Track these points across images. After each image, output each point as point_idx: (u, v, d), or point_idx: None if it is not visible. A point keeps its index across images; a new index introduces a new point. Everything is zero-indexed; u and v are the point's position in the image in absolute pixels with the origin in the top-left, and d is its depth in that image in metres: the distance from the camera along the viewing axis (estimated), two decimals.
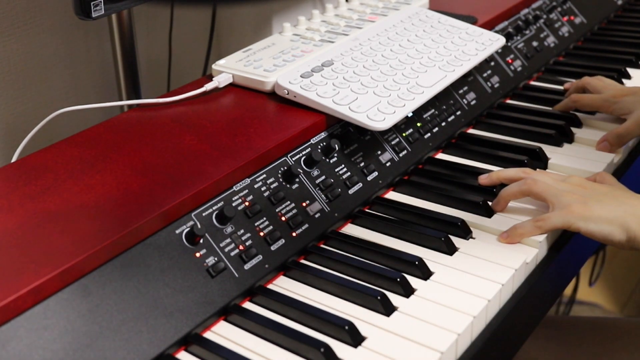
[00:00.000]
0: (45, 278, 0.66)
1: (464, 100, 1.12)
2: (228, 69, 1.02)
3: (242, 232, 0.80)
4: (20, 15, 1.13)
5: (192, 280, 0.74)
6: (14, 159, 0.90)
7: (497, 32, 1.25)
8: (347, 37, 1.10)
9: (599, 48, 1.39)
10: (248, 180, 0.84)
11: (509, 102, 1.21)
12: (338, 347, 0.71)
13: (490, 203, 0.92)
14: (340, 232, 0.89)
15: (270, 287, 0.81)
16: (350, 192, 0.91)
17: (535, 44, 1.31)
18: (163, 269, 0.73)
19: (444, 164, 1.03)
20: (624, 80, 1.27)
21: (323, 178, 0.90)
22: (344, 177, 0.92)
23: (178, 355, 0.72)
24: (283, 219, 0.84)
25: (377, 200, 0.94)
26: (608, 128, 1.10)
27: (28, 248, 0.70)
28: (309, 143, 0.92)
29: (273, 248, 0.82)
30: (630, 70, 1.30)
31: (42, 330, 0.65)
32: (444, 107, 1.09)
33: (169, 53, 1.35)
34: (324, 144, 0.92)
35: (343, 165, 0.93)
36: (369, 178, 0.94)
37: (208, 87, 0.99)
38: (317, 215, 0.87)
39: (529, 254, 0.83)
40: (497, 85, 1.19)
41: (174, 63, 1.37)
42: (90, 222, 0.73)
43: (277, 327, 0.73)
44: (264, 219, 0.83)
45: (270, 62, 1.02)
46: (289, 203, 0.85)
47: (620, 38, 1.43)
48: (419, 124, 1.04)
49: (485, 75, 1.18)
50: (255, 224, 0.82)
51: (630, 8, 1.58)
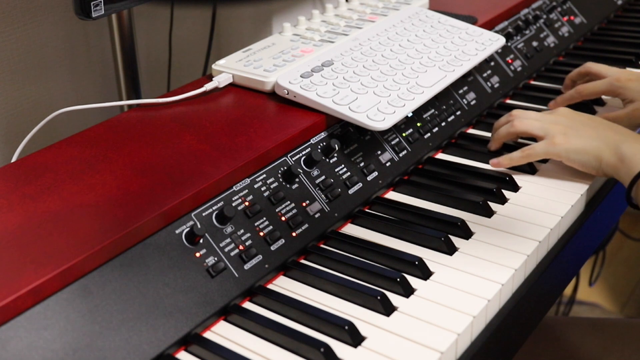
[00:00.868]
0: (45, 278, 0.66)
1: (464, 100, 1.12)
2: (228, 69, 1.02)
3: (242, 232, 0.80)
4: (21, 15, 1.13)
5: (192, 280, 0.74)
6: (14, 159, 0.90)
7: (497, 32, 1.25)
8: (347, 37, 1.10)
9: (599, 48, 1.39)
10: (248, 180, 0.84)
11: (509, 102, 1.21)
12: (338, 347, 0.71)
13: (491, 202, 0.93)
14: (340, 232, 0.89)
15: (270, 287, 0.81)
16: (350, 192, 0.91)
17: (535, 44, 1.31)
18: (163, 269, 0.73)
19: (444, 164, 1.03)
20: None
21: (323, 178, 0.90)
22: (344, 177, 0.92)
23: (178, 355, 0.72)
24: (283, 219, 0.84)
25: (377, 200, 0.94)
26: None
27: (28, 248, 0.70)
28: (309, 143, 0.92)
29: (273, 248, 0.82)
30: (631, 70, 1.30)
31: (42, 330, 0.65)
32: (444, 107, 1.09)
33: (169, 53, 1.35)
34: (324, 144, 0.92)
35: (343, 165, 0.93)
36: (369, 178, 0.94)
37: (208, 87, 0.99)
38: (317, 215, 0.87)
39: (530, 250, 0.84)
40: (497, 85, 1.19)
41: (174, 63, 1.37)
42: (90, 222, 0.73)
43: (277, 327, 0.73)
44: (264, 219, 0.83)
45: (270, 62, 1.02)
46: (289, 203, 0.85)
47: (620, 38, 1.43)
48: (419, 124, 1.04)
49: (485, 75, 1.18)
50: (255, 224, 0.82)
51: (630, 8, 1.58)
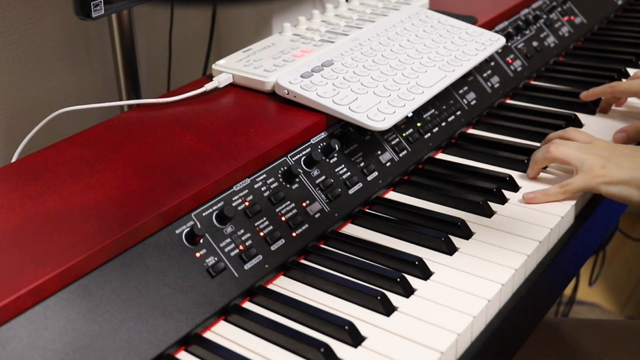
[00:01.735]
0: (45, 278, 0.66)
1: (464, 100, 1.12)
2: (228, 69, 1.02)
3: (242, 232, 0.80)
4: (21, 15, 1.13)
5: (192, 280, 0.74)
6: (14, 159, 0.90)
7: (497, 32, 1.25)
8: (347, 37, 1.10)
9: (599, 48, 1.39)
10: (248, 180, 0.84)
11: (509, 102, 1.21)
12: (338, 347, 0.71)
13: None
14: (340, 232, 0.89)
15: (270, 287, 0.81)
16: (350, 192, 0.91)
17: (535, 44, 1.31)
18: (163, 269, 0.73)
19: (444, 164, 1.03)
20: (624, 81, 1.27)
21: (323, 178, 0.90)
22: (344, 177, 0.92)
23: (178, 355, 0.72)
24: (283, 219, 0.84)
25: (377, 200, 0.94)
26: (608, 128, 1.10)
27: (28, 248, 0.70)
28: (309, 143, 0.92)
29: (273, 248, 0.82)
30: (630, 70, 1.30)
31: (42, 330, 0.65)
32: (444, 107, 1.09)
33: (169, 53, 1.35)
34: (324, 144, 0.92)
35: (343, 165, 0.93)
36: (369, 178, 0.94)
37: (208, 87, 0.99)
38: (317, 215, 0.87)
39: (530, 249, 0.84)
40: (497, 85, 1.19)
41: (174, 63, 1.37)
42: (90, 222, 0.73)
43: (277, 327, 0.73)
44: (264, 219, 0.83)
45: (270, 62, 1.02)
46: (289, 203, 0.85)
47: (620, 38, 1.43)
48: (419, 124, 1.04)
49: (485, 75, 1.18)
50: (255, 224, 0.82)
51: (630, 8, 1.58)
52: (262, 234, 0.82)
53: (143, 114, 0.95)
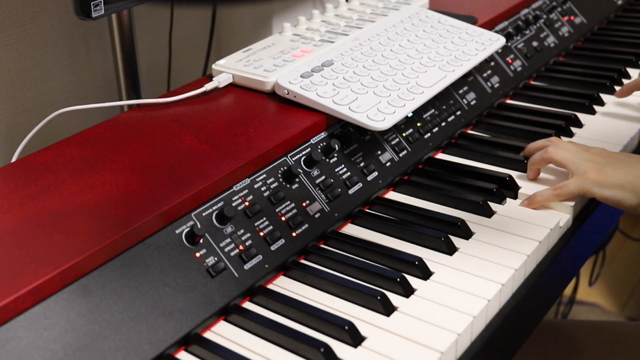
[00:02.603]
0: (45, 278, 0.66)
1: (464, 100, 1.12)
2: (228, 69, 1.02)
3: (242, 232, 0.80)
4: (21, 15, 1.13)
5: (192, 280, 0.74)
6: (14, 159, 0.90)
7: (497, 32, 1.25)
8: (347, 37, 1.10)
9: (599, 48, 1.39)
10: (248, 180, 0.84)
11: (509, 102, 1.21)
12: (338, 347, 0.71)
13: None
14: (340, 232, 0.89)
15: (270, 287, 0.81)
16: (350, 192, 0.91)
17: (535, 44, 1.31)
18: (163, 269, 0.73)
19: (444, 164, 1.03)
20: (624, 81, 1.27)
21: (323, 178, 0.90)
22: (344, 177, 0.92)
23: (178, 355, 0.72)
24: (283, 219, 0.84)
25: (377, 200, 0.94)
26: (607, 130, 1.10)
27: (28, 248, 0.70)
28: (309, 143, 0.92)
29: (273, 248, 0.82)
30: (630, 70, 1.30)
31: (42, 330, 0.65)
32: (444, 107, 1.09)
33: (169, 53, 1.35)
34: (324, 144, 0.92)
35: (343, 165, 0.93)
36: (369, 178, 0.94)
37: (208, 87, 0.99)
38: (317, 215, 0.87)
39: (530, 249, 0.84)
40: (497, 85, 1.19)
41: (174, 63, 1.37)
42: (90, 222, 0.73)
43: (277, 327, 0.73)
44: (264, 219, 0.83)
45: (270, 62, 1.02)
46: (289, 203, 0.85)
47: (620, 38, 1.43)
48: (419, 124, 1.04)
49: (485, 75, 1.18)
50: (255, 224, 0.82)
51: (630, 8, 1.58)
52: (262, 234, 0.82)
53: (143, 114, 0.95)
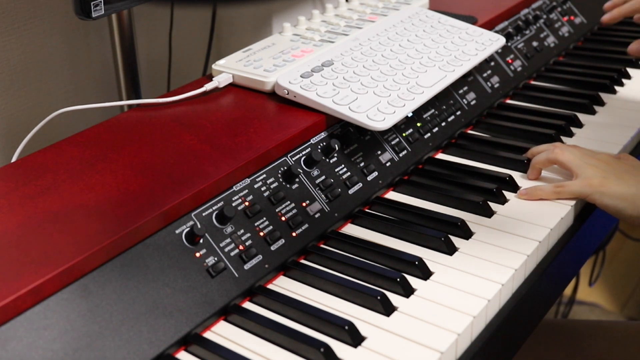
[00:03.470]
0: (45, 278, 0.66)
1: (464, 100, 1.12)
2: (228, 69, 1.02)
3: (242, 232, 0.80)
4: (21, 15, 1.13)
5: (192, 280, 0.74)
6: (14, 159, 0.90)
7: (497, 32, 1.25)
8: (347, 37, 1.10)
9: (599, 48, 1.39)
10: (248, 180, 0.84)
11: (509, 102, 1.21)
12: (338, 347, 0.71)
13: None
14: (340, 232, 0.89)
15: (270, 287, 0.81)
16: (350, 192, 0.91)
17: (535, 44, 1.31)
18: (163, 269, 0.73)
19: (444, 164, 1.03)
20: (624, 81, 1.27)
21: (323, 178, 0.90)
22: (344, 177, 0.92)
23: (178, 355, 0.72)
24: (283, 219, 0.84)
25: (377, 200, 0.94)
26: (607, 130, 1.10)
27: (28, 248, 0.70)
28: (309, 143, 0.92)
29: (273, 248, 0.82)
30: (630, 70, 1.30)
31: (42, 330, 0.65)
32: (444, 107, 1.09)
33: (169, 53, 1.35)
34: (324, 144, 0.92)
35: (343, 165, 0.93)
36: (369, 178, 0.94)
37: (208, 87, 0.99)
38: (317, 215, 0.87)
39: (530, 248, 0.84)
40: (497, 85, 1.19)
41: (174, 63, 1.37)
42: (90, 222, 0.73)
43: (277, 327, 0.73)
44: (264, 219, 0.83)
45: (270, 62, 1.02)
46: (289, 203, 0.85)
47: (620, 38, 1.43)
48: (419, 124, 1.04)
49: (485, 75, 1.18)
50: (255, 224, 0.82)
51: None
52: (262, 234, 0.82)
53: (143, 114, 0.95)
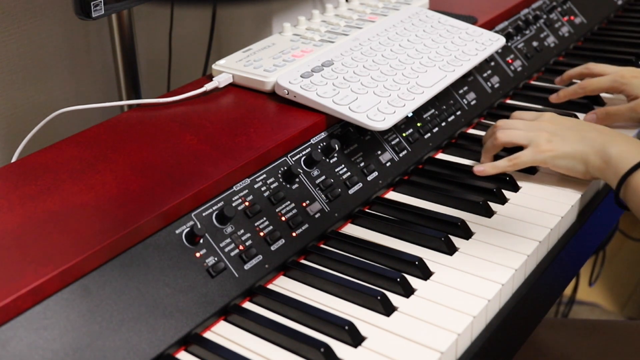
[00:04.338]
0: (45, 278, 0.66)
1: (464, 100, 1.12)
2: (228, 69, 1.02)
3: (242, 232, 0.80)
4: (21, 15, 1.13)
5: (192, 280, 0.74)
6: (14, 159, 0.90)
7: (497, 32, 1.25)
8: (347, 37, 1.10)
9: (599, 48, 1.39)
10: (248, 180, 0.84)
11: (509, 102, 1.21)
12: (338, 347, 0.71)
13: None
14: (340, 232, 0.89)
15: (270, 287, 0.81)
16: (350, 192, 0.91)
17: (535, 44, 1.31)
18: (163, 269, 0.73)
19: (444, 164, 1.03)
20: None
21: (323, 178, 0.90)
22: (344, 177, 0.92)
23: (178, 355, 0.72)
24: (283, 219, 0.84)
25: (377, 200, 0.94)
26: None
27: (28, 248, 0.70)
28: (309, 143, 0.92)
29: (273, 248, 0.82)
30: None
31: (42, 330, 0.65)
32: (444, 107, 1.09)
33: (169, 53, 1.35)
34: (324, 144, 0.92)
35: (343, 165, 0.93)
36: (369, 178, 0.94)
37: (208, 87, 0.99)
38: (317, 215, 0.87)
39: (530, 249, 0.84)
40: (497, 85, 1.19)
41: (174, 63, 1.37)
42: (90, 222, 0.73)
43: (277, 327, 0.74)
44: (264, 219, 0.83)
45: (270, 62, 1.02)
46: (289, 203, 0.85)
47: (620, 38, 1.43)
48: (419, 124, 1.04)
49: (485, 75, 1.18)
50: (255, 224, 0.82)
51: (630, 8, 1.58)
52: (262, 234, 0.82)
53: (143, 114, 0.95)
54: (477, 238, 0.87)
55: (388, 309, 0.75)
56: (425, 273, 0.81)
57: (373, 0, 1.25)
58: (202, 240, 0.77)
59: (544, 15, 1.37)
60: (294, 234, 0.84)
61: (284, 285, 0.81)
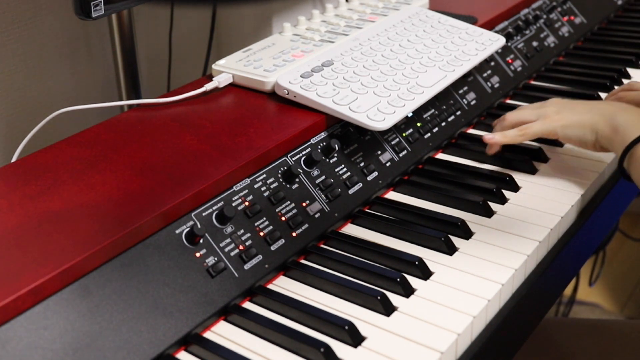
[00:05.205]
0: (45, 278, 0.66)
1: (464, 100, 1.12)
2: (228, 69, 1.02)
3: (242, 232, 0.80)
4: (21, 15, 1.13)
5: (192, 280, 0.74)
6: (14, 159, 0.90)
7: (497, 32, 1.25)
8: (347, 37, 1.10)
9: (599, 48, 1.39)
10: (248, 180, 0.84)
11: (509, 102, 1.21)
12: (338, 347, 0.71)
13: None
14: (340, 232, 0.89)
15: (270, 287, 0.81)
16: (350, 192, 0.91)
17: (535, 44, 1.31)
18: (163, 269, 0.73)
19: (444, 164, 1.03)
20: (624, 81, 1.27)
21: (323, 178, 0.90)
22: (344, 177, 0.92)
23: (178, 355, 0.72)
24: (283, 219, 0.84)
25: (377, 200, 0.94)
26: None
27: (28, 248, 0.70)
28: (309, 143, 0.92)
29: (273, 248, 0.82)
30: (630, 70, 1.30)
31: (42, 330, 0.65)
32: (444, 107, 1.09)
33: (169, 53, 1.35)
34: (324, 144, 0.92)
35: (343, 165, 0.93)
36: (369, 178, 0.94)
37: (208, 87, 0.99)
38: (317, 215, 0.87)
39: (530, 249, 0.84)
40: (497, 85, 1.19)
41: (174, 63, 1.37)
42: (90, 222, 0.73)
43: (277, 327, 0.74)
44: (264, 219, 0.83)
45: (270, 62, 1.02)
46: (289, 203, 0.85)
47: (620, 38, 1.43)
48: (419, 124, 1.04)
49: (485, 75, 1.18)
50: (255, 224, 0.82)
51: (630, 8, 1.58)
52: (262, 234, 0.82)
53: (143, 114, 0.95)
54: (477, 238, 0.87)
55: (388, 309, 0.75)
56: (425, 273, 0.81)
57: (373, 0, 1.25)
58: (202, 240, 0.77)
59: (544, 15, 1.37)
60: (294, 234, 0.84)
61: (284, 285, 0.81)
